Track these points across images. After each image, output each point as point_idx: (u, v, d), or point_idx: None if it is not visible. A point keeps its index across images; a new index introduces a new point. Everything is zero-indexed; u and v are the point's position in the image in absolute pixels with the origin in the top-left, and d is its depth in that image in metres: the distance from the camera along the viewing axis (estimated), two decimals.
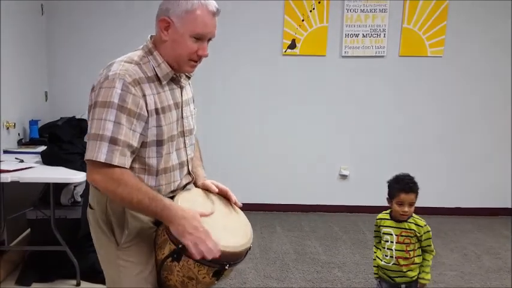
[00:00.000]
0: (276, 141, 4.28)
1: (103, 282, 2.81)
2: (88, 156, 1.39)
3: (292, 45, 4.11)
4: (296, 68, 4.16)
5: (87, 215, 1.64)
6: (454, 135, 4.31)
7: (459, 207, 4.37)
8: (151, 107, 1.46)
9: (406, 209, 2.40)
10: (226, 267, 1.48)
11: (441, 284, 3.01)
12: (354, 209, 4.31)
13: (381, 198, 4.20)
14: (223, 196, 1.71)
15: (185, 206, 1.49)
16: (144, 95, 1.44)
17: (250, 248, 1.56)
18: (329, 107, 4.24)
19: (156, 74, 1.49)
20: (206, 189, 1.71)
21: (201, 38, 1.48)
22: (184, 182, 1.66)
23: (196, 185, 1.74)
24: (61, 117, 3.61)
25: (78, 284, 2.84)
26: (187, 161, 1.66)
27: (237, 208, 1.70)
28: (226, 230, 1.53)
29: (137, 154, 1.49)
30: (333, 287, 2.96)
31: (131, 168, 1.48)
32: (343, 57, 4.15)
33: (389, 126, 4.29)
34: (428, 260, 2.46)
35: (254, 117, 4.23)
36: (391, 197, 2.44)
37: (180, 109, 1.58)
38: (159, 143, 1.50)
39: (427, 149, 4.31)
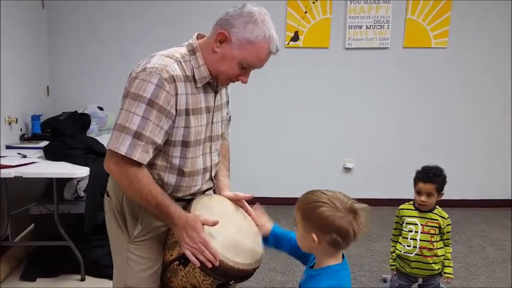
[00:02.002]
0: (279, 134, 4.26)
1: (108, 276, 2.84)
2: (110, 145, 1.40)
3: (295, 38, 4.07)
4: (299, 60, 4.12)
5: (103, 202, 1.64)
6: (458, 127, 4.29)
7: (464, 200, 4.35)
8: (182, 106, 1.44)
9: (424, 198, 2.40)
10: (231, 283, 1.47)
11: None
12: (358, 202, 4.28)
13: (385, 191, 4.22)
14: (245, 210, 1.69)
15: (198, 213, 1.48)
16: (176, 94, 1.42)
17: (258, 267, 1.54)
18: (332, 100, 4.22)
19: (194, 75, 1.47)
20: (229, 199, 1.69)
21: (248, 68, 1.48)
22: (205, 187, 1.64)
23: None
24: (63, 112, 3.60)
25: (82, 279, 2.84)
26: (211, 167, 1.63)
27: (253, 224, 1.67)
28: (238, 246, 1.51)
29: (162, 151, 1.48)
30: None
31: (154, 164, 1.49)
32: (347, 49, 4.11)
33: (393, 119, 4.26)
34: (450, 253, 2.47)
35: (256, 110, 4.21)
36: (414, 186, 2.45)
37: (211, 114, 1.56)
38: (185, 144, 1.49)
39: (431, 140, 4.28)
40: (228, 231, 1.53)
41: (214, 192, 1.71)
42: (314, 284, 1.30)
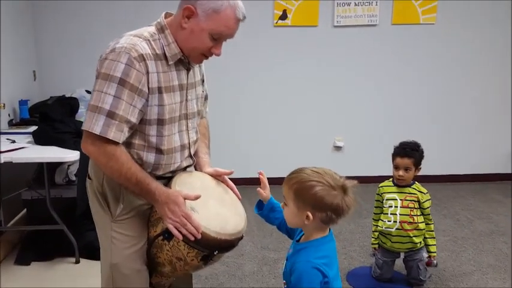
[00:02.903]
0: (269, 114, 4.26)
1: None
2: (84, 126, 1.42)
3: (284, 16, 4.04)
4: (288, 39, 4.10)
5: (86, 185, 1.66)
6: (447, 103, 4.32)
7: (452, 175, 4.42)
8: (154, 85, 1.46)
9: (401, 173, 2.45)
10: (215, 253, 1.51)
11: None
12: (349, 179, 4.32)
13: (375, 169, 4.26)
14: (227, 185, 1.73)
15: (178, 189, 1.51)
16: (147, 72, 1.43)
17: (241, 238, 1.58)
18: (321, 78, 4.21)
19: (164, 53, 1.48)
20: (210, 175, 1.72)
21: (219, 38, 1.48)
22: (184, 164, 1.66)
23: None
24: (51, 97, 3.57)
25: (77, 262, 2.87)
26: (189, 144, 1.65)
27: (235, 198, 1.71)
28: (220, 217, 1.54)
29: (139, 130, 1.50)
30: None
31: (132, 143, 1.50)
32: (335, 27, 4.10)
33: (382, 96, 4.28)
34: (433, 231, 2.51)
35: (245, 90, 4.20)
36: (392, 161, 2.51)
37: (185, 91, 1.57)
38: (160, 122, 1.51)
39: (420, 117, 4.32)
40: (209, 204, 1.56)
41: (195, 169, 1.74)
42: (303, 256, 1.34)
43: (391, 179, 2.58)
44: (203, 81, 1.73)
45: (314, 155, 4.24)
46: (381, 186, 2.60)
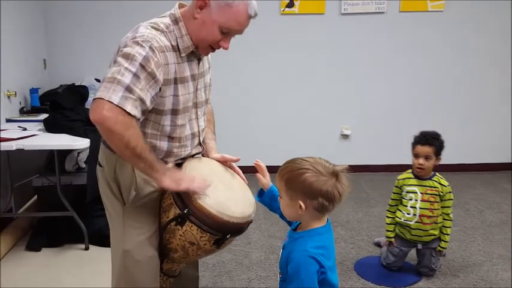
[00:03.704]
0: (275, 103, 4.25)
1: None
2: (99, 95, 1.34)
3: (291, 4, 4.01)
4: (295, 27, 4.08)
5: (96, 172, 1.67)
6: (455, 91, 4.28)
7: (462, 164, 4.39)
8: (171, 76, 1.47)
9: (421, 161, 2.42)
10: (228, 237, 1.53)
11: None
12: (356, 168, 4.32)
13: (382, 157, 4.25)
14: (233, 170, 1.76)
15: (189, 174, 1.54)
16: (167, 64, 1.45)
17: (251, 221, 1.59)
18: (329, 67, 4.19)
19: (178, 45, 1.50)
20: (217, 161, 1.75)
21: (228, 33, 1.49)
22: (194, 152, 1.69)
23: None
24: (61, 85, 3.60)
25: (86, 248, 2.91)
26: (199, 132, 1.68)
27: (243, 182, 1.73)
28: (231, 202, 1.56)
29: (153, 120, 1.52)
30: (336, 244, 3.01)
31: (145, 133, 1.52)
32: (343, 14, 4.06)
33: (390, 84, 4.24)
34: (449, 228, 2.49)
35: (252, 78, 4.19)
36: (412, 150, 2.48)
37: (196, 81, 1.59)
38: (174, 112, 1.53)
39: (428, 105, 4.28)
40: (219, 189, 1.59)
41: (202, 156, 1.77)
42: (299, 246, 1.33)
43: (410, 170, 2.54)
44: (209, 68, 1.75)
45: (321, 144, 4.23)
46: (401, 179, 2.55)
